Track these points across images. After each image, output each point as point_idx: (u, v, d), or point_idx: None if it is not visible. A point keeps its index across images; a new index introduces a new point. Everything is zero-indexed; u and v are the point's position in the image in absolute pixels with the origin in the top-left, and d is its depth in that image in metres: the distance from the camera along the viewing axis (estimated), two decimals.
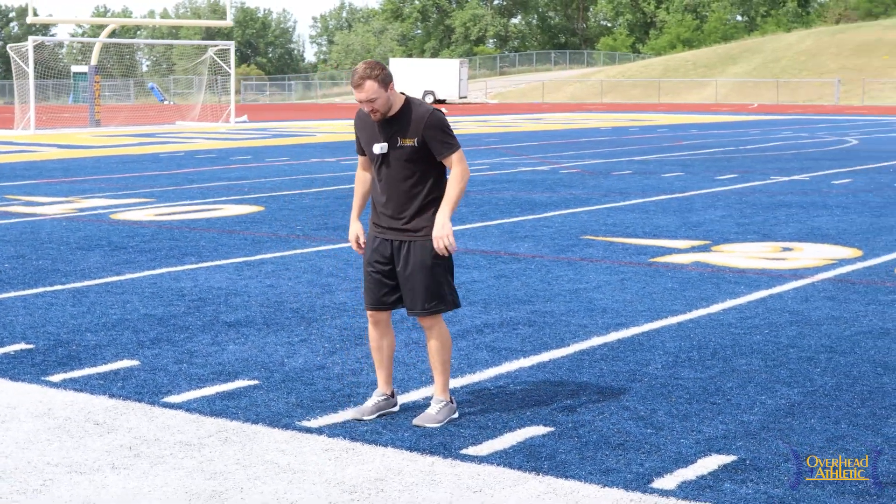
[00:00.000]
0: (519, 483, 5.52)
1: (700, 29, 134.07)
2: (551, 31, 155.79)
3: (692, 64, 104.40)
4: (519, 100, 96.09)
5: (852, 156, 28.16)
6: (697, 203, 17.40)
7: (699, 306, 9.64)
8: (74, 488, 5.46)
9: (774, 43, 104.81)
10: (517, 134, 39.87)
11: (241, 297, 10.06)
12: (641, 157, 27.51)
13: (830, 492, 5.36)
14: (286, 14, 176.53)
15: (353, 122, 6.61)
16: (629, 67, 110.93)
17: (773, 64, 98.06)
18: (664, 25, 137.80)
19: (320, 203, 17.48)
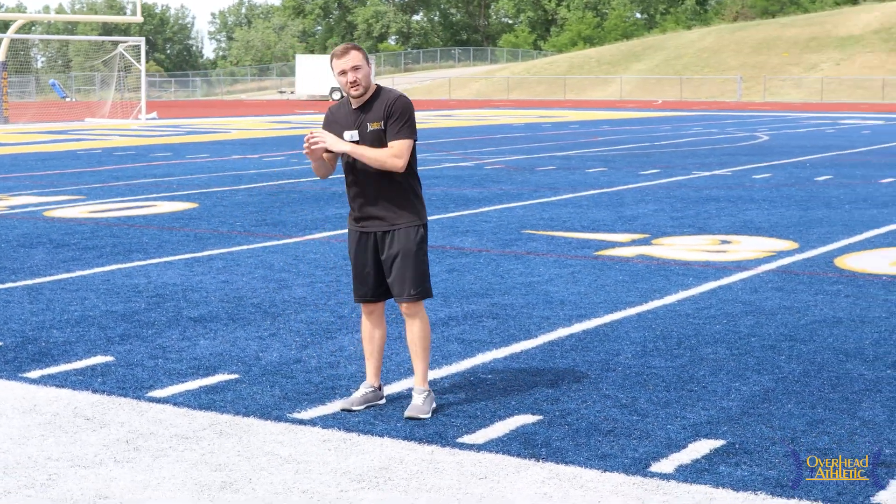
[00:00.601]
0: (521, 469, 5.65)
1: (601, 26, 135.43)
2: (453, 27, 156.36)
3: (596, 61, 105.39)
4: (425, 96, 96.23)
5: (766, 151, 28.70)
6: (627, 198, 17.67)
7: (653, 298, 9.84)
8: (82, 482, 5.49)
9: (676, 40, 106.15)
10: (433, 130, 39.99)
11: (199, 292, 10.08)
12: (562, 153, 27.81)
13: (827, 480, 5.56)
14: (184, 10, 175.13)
15: (324, 119, 6.65)
16: (534, 64, 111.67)
17: (676, 61, 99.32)
18: (565, 23, 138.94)
19: (254, 199, 17.47)
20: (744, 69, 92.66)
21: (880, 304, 9.55)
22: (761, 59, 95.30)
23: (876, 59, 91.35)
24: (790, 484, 5.41)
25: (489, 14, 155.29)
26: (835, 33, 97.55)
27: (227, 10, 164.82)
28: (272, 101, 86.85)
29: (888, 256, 11.97)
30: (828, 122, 46.64)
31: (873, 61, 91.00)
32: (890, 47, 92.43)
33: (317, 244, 12.89)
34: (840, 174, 21.91)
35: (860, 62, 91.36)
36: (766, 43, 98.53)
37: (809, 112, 59.56)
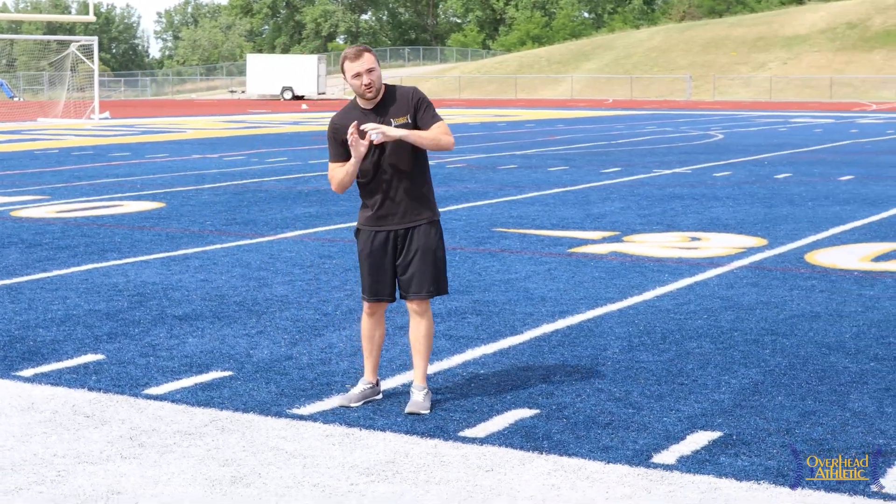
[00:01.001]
0: (526, 462, 5.74)
1: (549, 26, 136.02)
2: (402, 27, 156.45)
3: (546, 60, 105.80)
4: None
5: (722, 149, 28.96)
6: (592, 196, 17.81)
7: (632, 294, 9.96)
8: (92, 478, 5.52)
9: (625, 40, 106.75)
10: None
11: (180, 291, 10.10)
12: (521, 152, 27.95)
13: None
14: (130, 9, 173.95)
15: (328, 132, 6.62)
16: (484, 63, 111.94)
17: (625, 60, 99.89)
18: (513, 22, 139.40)
19: (220, 199, 17.47)
20: (693, 68, 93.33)
21: (854, 298, 9.72)
22: (710, 58, 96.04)
23: (823, 58, 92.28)
24: (791, 474, 5.52)
25: (437, 14, 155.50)
26: (782, 33, 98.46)
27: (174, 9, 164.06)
28: (223, 100, 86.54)
29: (856, 252, 12.16)
30: (779, 121, 47.10)
31: (820, 60, 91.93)
32: (836, 46, 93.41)
33: (290, 243, 12.93)
34: (799, 172, 22.18)
35: (807, 61, 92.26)
36: (714, 42, 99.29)
37: (759, 111, 60.10)
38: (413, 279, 6.60)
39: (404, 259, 6.60)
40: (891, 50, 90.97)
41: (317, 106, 69.35)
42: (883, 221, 14.73)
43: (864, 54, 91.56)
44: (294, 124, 44.69)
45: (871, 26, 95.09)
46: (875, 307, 9.37)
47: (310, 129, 40.17)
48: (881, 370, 7.43)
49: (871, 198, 17.42)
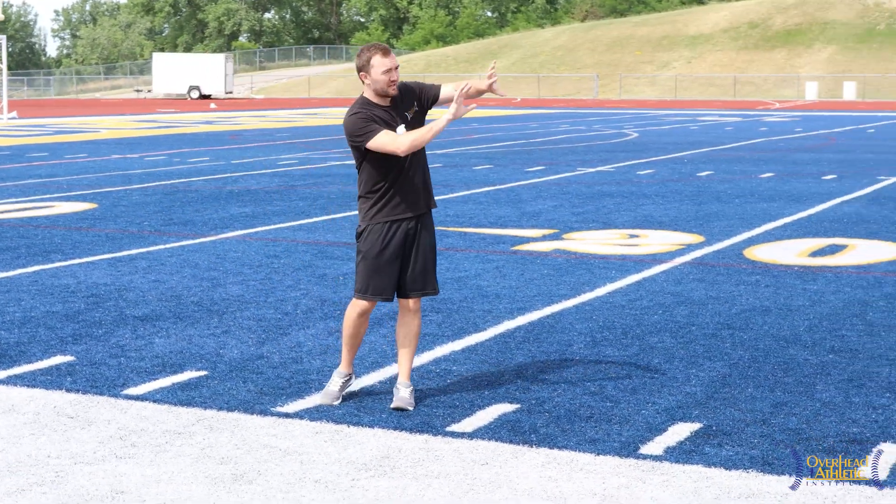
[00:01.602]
0: (518, 455, 5.87)
1: (453, 24, 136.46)
2: (305, 25, 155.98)
3: (453, 59, 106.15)
4: (283, 95, 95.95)
5: (640, 147, 29.36)
6: (523, 194, 18.01)
7: (584, 290, 10.15)
8: (91, 478, 5.55)
9: (531, 39, 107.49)
10: (305, 129, 40.01)
11: (133, 292, 10.09)
12: (442, 151, 28.09)
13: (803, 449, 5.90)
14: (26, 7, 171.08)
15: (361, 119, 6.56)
16: None
17: (532, 59, 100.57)
18: (417, 21, 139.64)
19: (152, 199, 17.39)
20: (599, 67, 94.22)
21: (800, 293, 9.99)
22: (615, 57, 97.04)
23: (725, 57, 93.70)
24: (790, 470, 5.72)
25: (341, 12, 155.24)
26: (685, 32, 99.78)
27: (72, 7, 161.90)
28: (129, 99, 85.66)
29: (792, 248, 12.47)
30: (688, 119, 47.79)
31: (723, 59, 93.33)
32: (739, 45, 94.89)
33: (234, 243, 12.94)
34: (720, 170, 22.58)
35: (711, 60, 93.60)
36: (619, 41, 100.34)
37: (667, 109, 60.88)
38: (419, 276, 6.70)
39: (415, 255, 6.68)
40: (791, 49, 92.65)
41: (225, 105, 68.95)
42: (811, 218, 15.09)
43: (765, 53, 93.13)
44: (207, 123, 44.40)
45: (773, 26, 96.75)
46: (821, 301, 9.64)
47: (225, 129, 39.99)
48: (840, 362, 7.66)
49: (795, 195, 17.82)
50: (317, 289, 10.22)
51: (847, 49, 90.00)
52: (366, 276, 6.76)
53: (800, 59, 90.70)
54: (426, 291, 6.79)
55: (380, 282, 6.73)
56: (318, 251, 12.30)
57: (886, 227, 14.03)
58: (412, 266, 6.74)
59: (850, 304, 9.50)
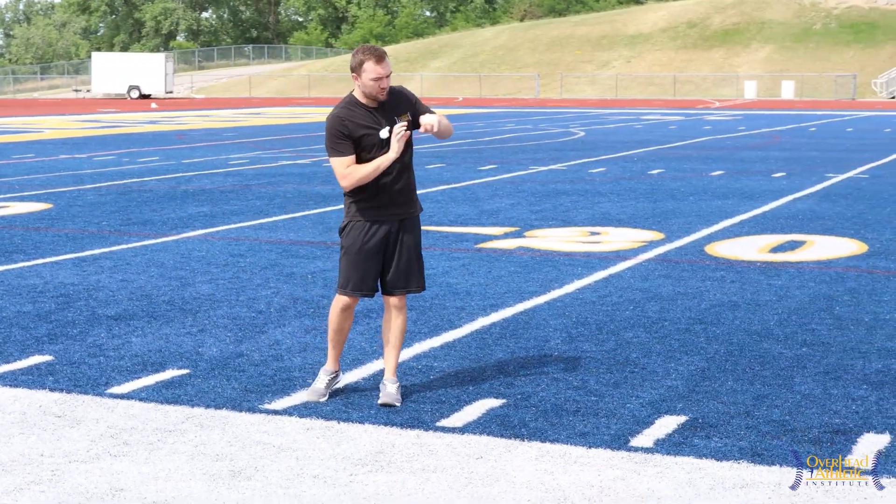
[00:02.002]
0: (511, 449, 5.94)
1: (392, 24, 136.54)
2: (243, 25, 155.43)
3: (394, 59, 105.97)
4: (223, 94, 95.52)
5: (588, 146, 29.56)
6: (479, 193, 18.09)
7: (553, 287, 10.24)
8: (88, 476, 5.56)
9: (472, 38, 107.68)
10: (251, 128, 39.89)
11: (103, 291, 10.06)
12: None
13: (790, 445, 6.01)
14: None
15: (335, 128, 6.64)
16: (333, 62, 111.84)
17: (473, 59, 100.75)
18: (356, 20, 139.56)
19: (108, 199, 17.31)
20: (539, 66, 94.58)
21: (766, 288, 10.13)
22: (556, 56, 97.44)
23: (664, 56, 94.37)
24: (764, 452, 5.83)
25: (279, 12, 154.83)
26: (624, 31, 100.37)
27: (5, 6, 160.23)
28: (68, 99, 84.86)
29: (752, 244, 12.63)
30: (632, 118, 48.12)
31: (662, 59, 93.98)
32: (677, 45, 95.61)
33: (197, 242, 12.92)
34: (670, 168, 22.79)
35: (650, 59, 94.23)
36: (559, 41, 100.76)
37: (608, 108, 61.24)
38: (402, 274, 6.75)
39: (398, 252, 6.72)
40: (730, 49, 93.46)
41: (166, 105, 68.54)
42: (767, 215, 15.29)
43: (704, 53, 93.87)
44: (151, 123, 44.14)
45: (711, 25, 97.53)
46: (787, 296, 9.79)
47: (170, 129, 39.79)
48: (814, 355, 7.80)
49: (748, 192, 18.03)
50: (287, 287, 10.23)
51: (784, 48, 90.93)
52: (347, 271, 6.81)
53: (738, 59, 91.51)
54: (409, 289, 6.85)
55: (360, 277, 6.78)
56: (283, 250, 12.31)
57: (841, 224, 14.25)
58: (396, 263, 6.80)
59: (815, 299, 9.65)
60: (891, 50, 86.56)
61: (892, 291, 10.01)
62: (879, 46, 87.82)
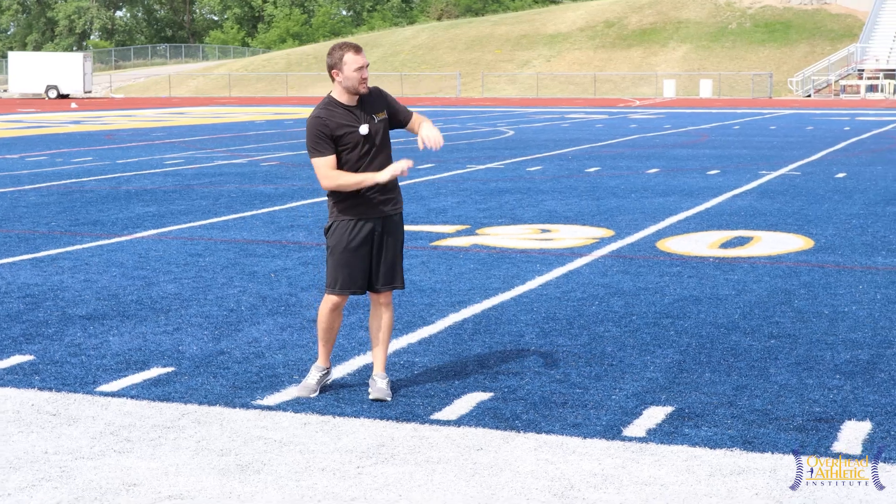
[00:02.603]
0: (508, 440, 6.09)
1: (308, 23, 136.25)
2: (158, 24, 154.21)
3: (314, 58, 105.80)
4: (142, 94, 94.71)
5: (520, 145, 29.79)
6: (422, 191, 18.23)
7: (515, 284, 10.40)
8: (98, 472, 5.62)
9: (391, 37, 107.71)
10: (178, 128, 39.66)
11: (68, 292, 10.07)
12: None
13: (782, 427, 6.23)
14: None
15: (315, 128, 6.75)
16: (252, 61, 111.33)
17: (393, 58, 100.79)
18: (272, 19, 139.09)
19: (51, 200, 17.21)
20: (460, 65, 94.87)
21: (723, 283, 10.38)
22: (476, 55, 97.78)
23: (584, 55, 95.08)
24: (754, 440, 6.03)
25: (194, 11, 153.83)
26: (544, 31, 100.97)
27: None
28: None
29: (701, 240, 12.89)
30: (558, 117, 48.50)
31: (581, 58, 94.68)
32: (596, 44, 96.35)
33: (152, 242, 12.93)
34: (606, 166, 23.07)
35: (569, 59, 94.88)
36: (479, 40, 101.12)
37: (533, 107, 61.61)
38: (388, 271, 6.87)
39: (384, 249, 6.85)
40: (647, 48, 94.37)
41: (86, 105, 67.85)
42: (709, 211, 15.59)
43: (622, 52, 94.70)
44: (76, 123, 43.73)
45: (628, 25, 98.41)
46: (746, 290, 10.03)
47: (97, 129, 39.48)
48: (783, 347, 8.03)
49: (686, 189, 18.33)
50: (252, 286, 10.30)
51: (700, 48, 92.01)
52: (334, 270, 6.92)
53: (656, 58, 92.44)
54: (395, 285, 6.98)
55: (348, 275, 6.89)
56: (239, 249, 12.36)
57: (784, 220, 14.57)
58: (382, 261, 6.91)
59: (773, 293, 9.90)
60: (805, 49, 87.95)
61: (846, 285, 10.29)
62: (794, 45, 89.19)
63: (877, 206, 16.13)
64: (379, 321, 6.97)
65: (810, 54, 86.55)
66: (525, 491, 5.37)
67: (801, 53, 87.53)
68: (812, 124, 40.66)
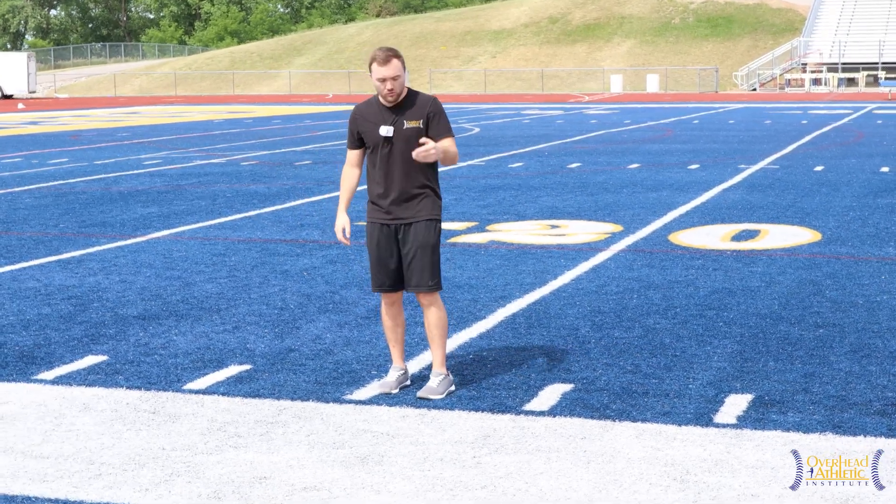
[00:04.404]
0: (608, 429, 6.31)
1: (246, 21, 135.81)
2: (93, 22, 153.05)
3: (258, 56, 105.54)
4: (86, 93, 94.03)
5: (491, 142, 30.03)
6: None
7: (548, 279, 10.63)
8: (223, 467, 5.78)
9: (335, 35, 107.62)
10: (140, 128, 39.54)
11: (110, 293, 10.18)
12: (302, 148, 28.29)
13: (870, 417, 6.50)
14: None
15: (349, 120, 7.02)
16: (195, 59, 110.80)
17: (338, 55, 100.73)
18: (210, 17, 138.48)
19: (47, 202, 17.23)
20: (406, 62, 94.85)
21: (749, 275, 10.67)
22: (421, 52, 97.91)
23: (529, 51, 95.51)
24: (843, 424, 6.30)
25: (129, 9, 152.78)
26: (488, 27, 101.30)
27: None
28: None
29: (712, 233, 13.18)
30: (514, 113, 48.80)
31: (527, 54, 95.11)
32: (541, 40, 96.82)
33: (170, 242, 13.03)
34: (586, 162, 23.36)
35: (515, 55, 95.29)
36: (423, 37, 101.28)
37: (486, 103, 61.84)
38: (413, 273, 6.95)
39: (407, 254, 6.96)
40: (592, 43, 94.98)
41: (33, 105, 67.32)
42: (707, 205, 15.91)
43: (567, 47, 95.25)
44: (33, 124, 43.47)
45: (572, 20, 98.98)
46: (774, 282, 10.33)
47: (58, 130, 39.29)
48: (833, 336, 8.31)
49: (676, 184, 18.65)
50: (290, 284, 10.46)
51: (645, 43, 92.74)
52: (371, 270, 7.14)
53: (600, 53, 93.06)
54: (420, 288, 6.99)
55: (374, 275, 7.09)
56: (261, 248, 12.50)
57: (784, 213, 14.90)
58: (404, 265, 7.02)
59: (802, 285, 10.20)
60: (748, 43, 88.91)
61: (868, 276, 10.61)
62: (737, 40, 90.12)
63: (866, 198, 16.51)
64: (426, 321, 7.09)
65: (753, 48, 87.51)
66: (646, 476, 5.59)
67: (745, 48, 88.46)
68: (769, 118, 41.23)
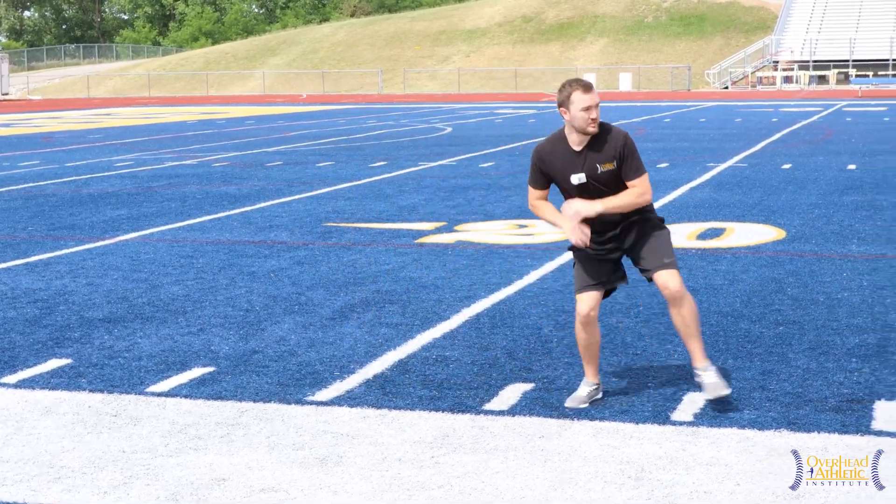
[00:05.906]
0: (566, 428, 6.37)
1: (221, 21, 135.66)
2: (67, 23, 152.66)
3: (232, 56, 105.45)
4: (60, 95, 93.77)
5: (464, 141, 30.10)
6: (387, 189, 18.47)
7: (513, 278, 10.70)
8: (183, 469, 5.81)
9: (310, 35, 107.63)
10: (113, 130, 39.48)
11: (77, 295, 10.19)
12: (274, 148, 28.30)
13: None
14: None
15: (534, 159, 6.68)
16: (169, 60, 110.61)
17: (313, 55, 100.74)
18: (184, 18, 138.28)
19: (17, 205, 17.22)
20: (380, 62, 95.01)
21: (713, 273, 10.76)
22: (395, 52, 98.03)
23: (503, 50, 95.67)
24: (797, 421, 6.37)
25: (104, 10, 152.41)
26: (462, 27, 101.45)
27: None
28: None
29: (677, 231, 13.22)
30: (488, 112, 48.88)
31: (501, 53, 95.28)
32: (514, 39, 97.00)
33: (138, 245, 13.05)
34: None
35: (489, 54, 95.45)
36: (398, 37, 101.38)
37: (460, 103, 61.94)
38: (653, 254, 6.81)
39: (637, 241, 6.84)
40: (565, 42, 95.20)
41: (4, 107, 67.09)
42: (674, 203, 16.02)
43: (540, 46, 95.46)
44: (6, 126, 43.33)
45: (546, 20, 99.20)
46: (737, 280, 10.42)
47: (29, 132, 39.19)
48: (793, 333, 8.40)
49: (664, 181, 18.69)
50: (257, 286, 10.49)
51: (618, 41, 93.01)
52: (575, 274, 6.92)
53: (574, 52, 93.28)
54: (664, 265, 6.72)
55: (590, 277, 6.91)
56: (229, 250, 12.53)
57: (748, 211, 15.01)
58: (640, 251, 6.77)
59: (765, 283, 10.29)
60: (720, 41, 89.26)
61: (830, 273, 10.71)
62: (709, 38, 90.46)
63: (832, 195, 16.65)
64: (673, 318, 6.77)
65: (725, 47, 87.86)
66: (601, 474, 5.66)
67: (717, 46, 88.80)
68: (739, 116, 41.43)
